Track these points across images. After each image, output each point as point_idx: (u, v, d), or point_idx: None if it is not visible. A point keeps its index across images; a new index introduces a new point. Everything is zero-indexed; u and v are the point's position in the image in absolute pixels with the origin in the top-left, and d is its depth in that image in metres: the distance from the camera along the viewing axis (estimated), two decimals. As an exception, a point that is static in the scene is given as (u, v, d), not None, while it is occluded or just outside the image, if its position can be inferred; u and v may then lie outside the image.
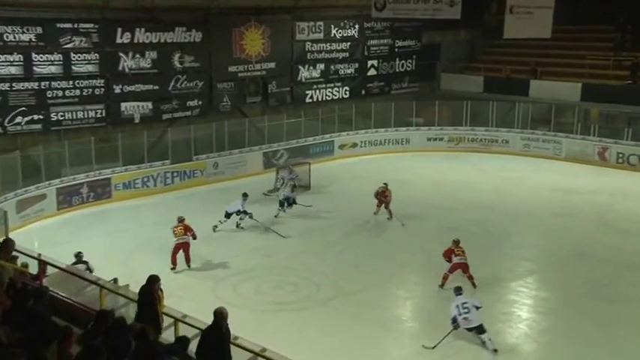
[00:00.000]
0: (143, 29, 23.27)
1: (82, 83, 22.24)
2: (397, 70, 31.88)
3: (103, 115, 22.87)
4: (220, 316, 8.30)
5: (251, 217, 19.00)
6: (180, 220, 16.55)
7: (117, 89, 23.08)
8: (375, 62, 31.01)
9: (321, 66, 29.05)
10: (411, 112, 29.77)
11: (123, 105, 23.30)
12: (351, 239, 18.79)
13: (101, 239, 18.52)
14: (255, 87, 27.09)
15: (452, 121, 30.17)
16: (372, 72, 31.03)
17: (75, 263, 13.71)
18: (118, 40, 22.79)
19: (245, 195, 19.19)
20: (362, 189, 21.81)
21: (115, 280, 11.73)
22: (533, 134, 28.77)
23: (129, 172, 22.59)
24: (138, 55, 23.33)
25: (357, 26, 29.70)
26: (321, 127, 28.02)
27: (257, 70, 26.84)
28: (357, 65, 30.32)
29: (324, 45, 28.92)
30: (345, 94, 30.18)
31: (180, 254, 16.31)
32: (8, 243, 9.48)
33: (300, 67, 28.43)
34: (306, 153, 27.12)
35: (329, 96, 29.57)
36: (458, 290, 13.05)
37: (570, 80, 29.00)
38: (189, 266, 16.33)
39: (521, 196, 22.80)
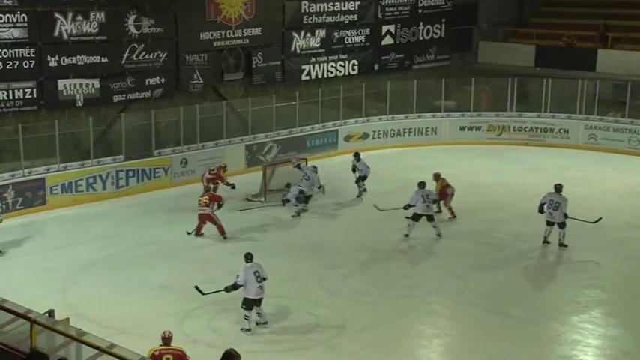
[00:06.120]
0: (87, -18, 23.33)
1: (4, 53, 22.21)
2: (421, 38, 31.90)
3: (34, 95, 22.87)
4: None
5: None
6: (207, 189, 20.57)
7: (52, 62, 23.08)
8: (391, 27, 31.03)
9: (322, 33, 29.08)
10: (440, 94, 29.78)
11: (61, 83, 23.28)
12: (359, 260, 18.73)
13: (32, 259, 18.45)
14: (236, 60, 27.12)
15: (493, 104, 30.20)
16: (387, 40, 31.04)
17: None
18: (54, -3, 22.84)
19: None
20: (373, 194, 21.77)
21: (51, 313, 11.72)
22: (602, 121, 28.81)
23: (69, 172, 22.58)
24: (80, 17, 23.31)
25: (368, -21, 29.83)
26: (322, 113, 28.05)
27: (238, 38, 26.86)
28: (368, 32, 30.35)
29: (325, 5, 28.96)
30: (353, 69, 30.19)
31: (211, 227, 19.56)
32: None
33: (294, 34, 28.45)
34: (302, 146, 27.15)
35: (332, 72, 29.60)
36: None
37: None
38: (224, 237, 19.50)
39: (586, 204, 22.66)
